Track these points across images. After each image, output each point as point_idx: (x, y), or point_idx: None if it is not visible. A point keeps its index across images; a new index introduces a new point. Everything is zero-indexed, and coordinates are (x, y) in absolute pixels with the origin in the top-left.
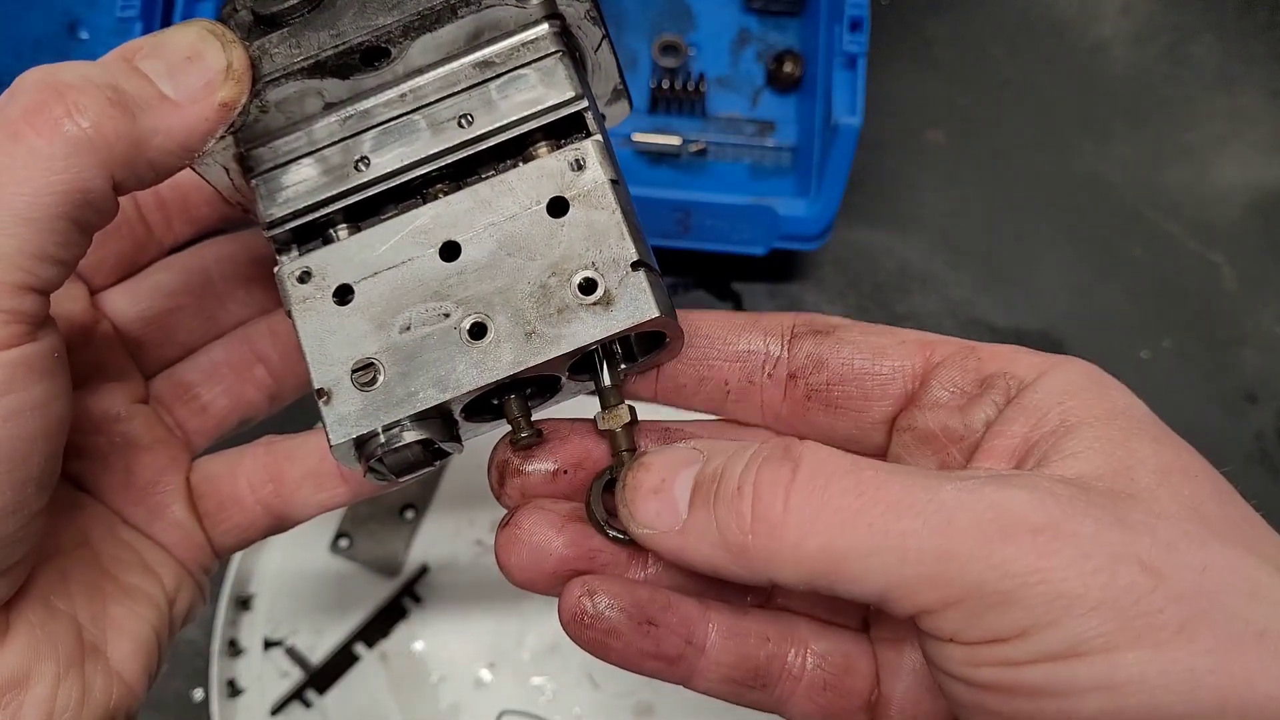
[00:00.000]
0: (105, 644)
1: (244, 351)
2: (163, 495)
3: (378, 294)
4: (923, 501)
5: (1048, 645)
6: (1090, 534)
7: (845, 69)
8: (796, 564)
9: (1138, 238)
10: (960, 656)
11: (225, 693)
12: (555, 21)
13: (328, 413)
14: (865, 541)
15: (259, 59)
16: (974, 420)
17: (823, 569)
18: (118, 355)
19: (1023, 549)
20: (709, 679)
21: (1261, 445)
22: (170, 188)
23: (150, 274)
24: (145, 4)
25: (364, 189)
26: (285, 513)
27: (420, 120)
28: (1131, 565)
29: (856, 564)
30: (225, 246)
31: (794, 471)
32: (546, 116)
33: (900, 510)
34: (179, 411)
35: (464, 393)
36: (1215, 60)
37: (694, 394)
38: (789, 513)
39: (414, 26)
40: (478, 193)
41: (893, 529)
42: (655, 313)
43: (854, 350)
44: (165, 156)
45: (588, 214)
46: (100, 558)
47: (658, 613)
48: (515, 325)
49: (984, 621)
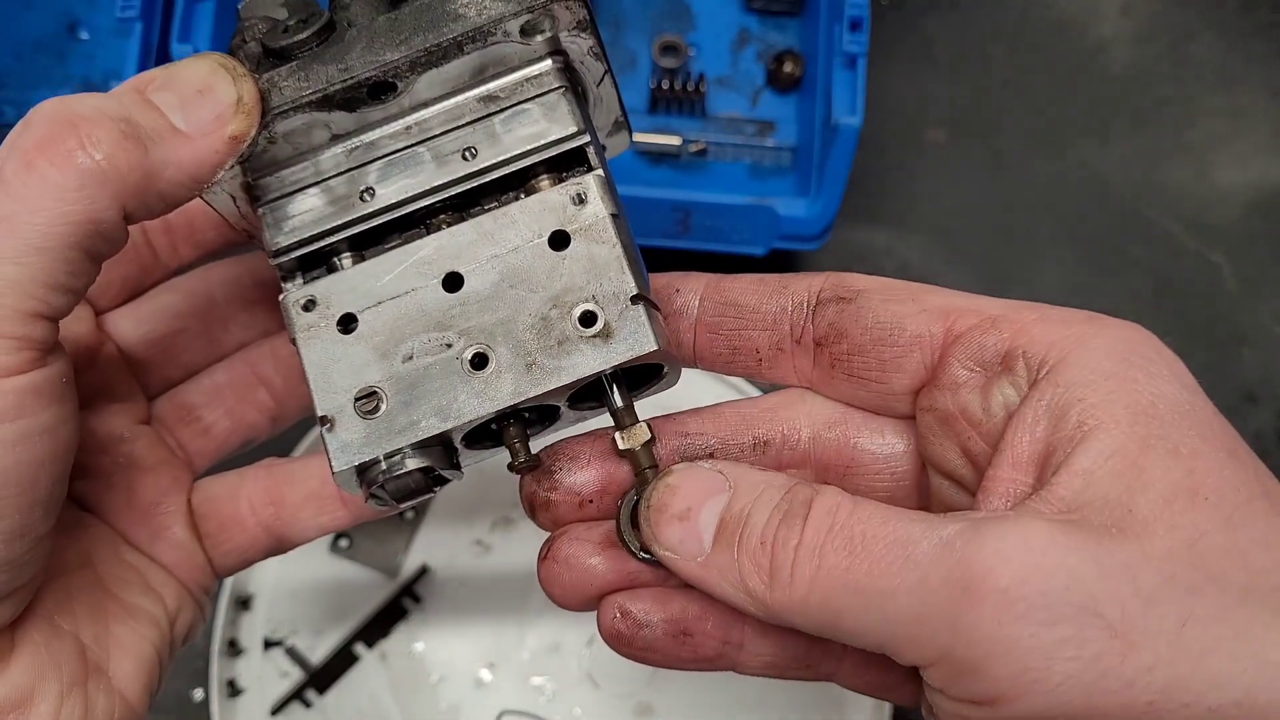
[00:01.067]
0: (108, 663)
1: (246, 374)
2: (164, 516)
3: (381, 323)
4: (900, 560)
5: (1017, 714)
6: (1059, 592)
7: (845, 69)
8: (805, 617)
9: (1138, 238)
10: (949, 709)
11: (225, 693)
12: (559, 58)
13: (331, 440)
14: (854, 602)
15: (268, 92)
16: (993, 404)
17: (827, 622)
18: (122, 377)
19: (985, 614)
20: (752, 666)
21: (1261, 445)
22: (177, 213)
23: (154, 296)
24: (145, 4)
25: (368, 219)
26: (285, 534)
27: (425, 152)
28: (1100, 633)
29: (851, 622)
30: (229, 270)
31: (801, 530)
32: (549, 150)
33: (881, 570)
34: (181, 433)
35: (465, 422)
36: (1215, 60)
37: (729, 362)
38: (795, 570)
39: (421, 62)
40: (481, 224)
41: (874, 590)
42: (654, 345)
43: (874, 320)
44: (175, 188)
45: (589, 248)
46: (103, 578)
47: (692, 623)
48: (516, 356)
49: (960, 684)
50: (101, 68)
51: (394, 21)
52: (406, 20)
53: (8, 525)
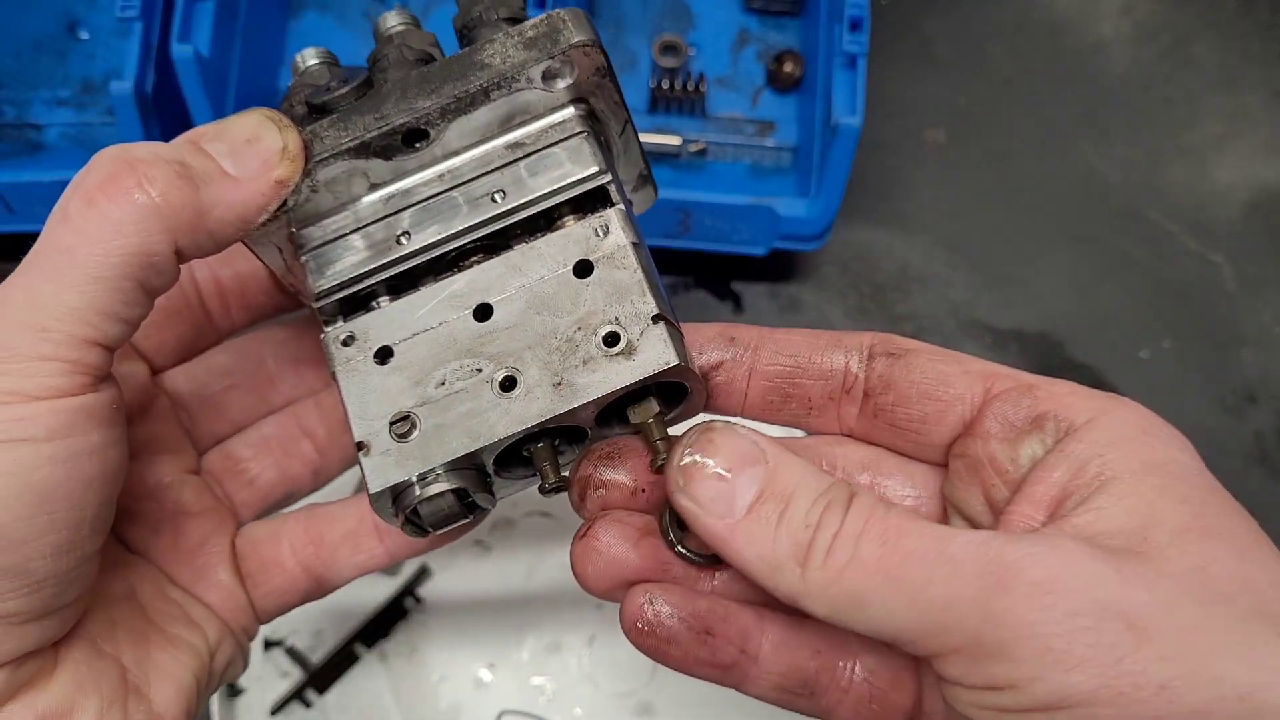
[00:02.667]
0: (149, 687)
1: (292, 427)
2: (209, 558)
3: (416, 355)
4: (935, 553)
5: (1035, 697)
6: (1082, 589)
7: (845, 69)
8: (825, 599)
9: (1138, 238)
10: (965, 699)
11: (225, 692)
12: (581, 105)
13: (367, 463)
14: (883, 588)
15: (311, 141)
16: (1020, 456)
17: (845, 607)
18: (172, 429)
19: (1017, 601)
20: (760, 686)
21: (1261, 445)
22: (231, 278)
23: (208, 356)
24: (145, 4)
25: (404, 261)
26: (324, 575)
27: (457, 197)
28: (1117, 624)
29: (875, 608)
30: (279, 332)
31: (842, 519)
32: (573, 190)
33: (915, 560)
34: (228, 484)
35: (495, 441)
36: (1215, 60)
37: (778, 410)
38: (831, 554)
39: (450, 109)
40: (509, 259)
41: (906, 578)
42: (675, 360)
43: (921, 375)
44: (224, 227)
45: (611, 274)
46: (147, 610)
47: (716, 623)
48: (543, 377)
49: (981, 669)
50: (101, 68)
51: (425, 74)
52: (437, 72)
53: (56, 539)
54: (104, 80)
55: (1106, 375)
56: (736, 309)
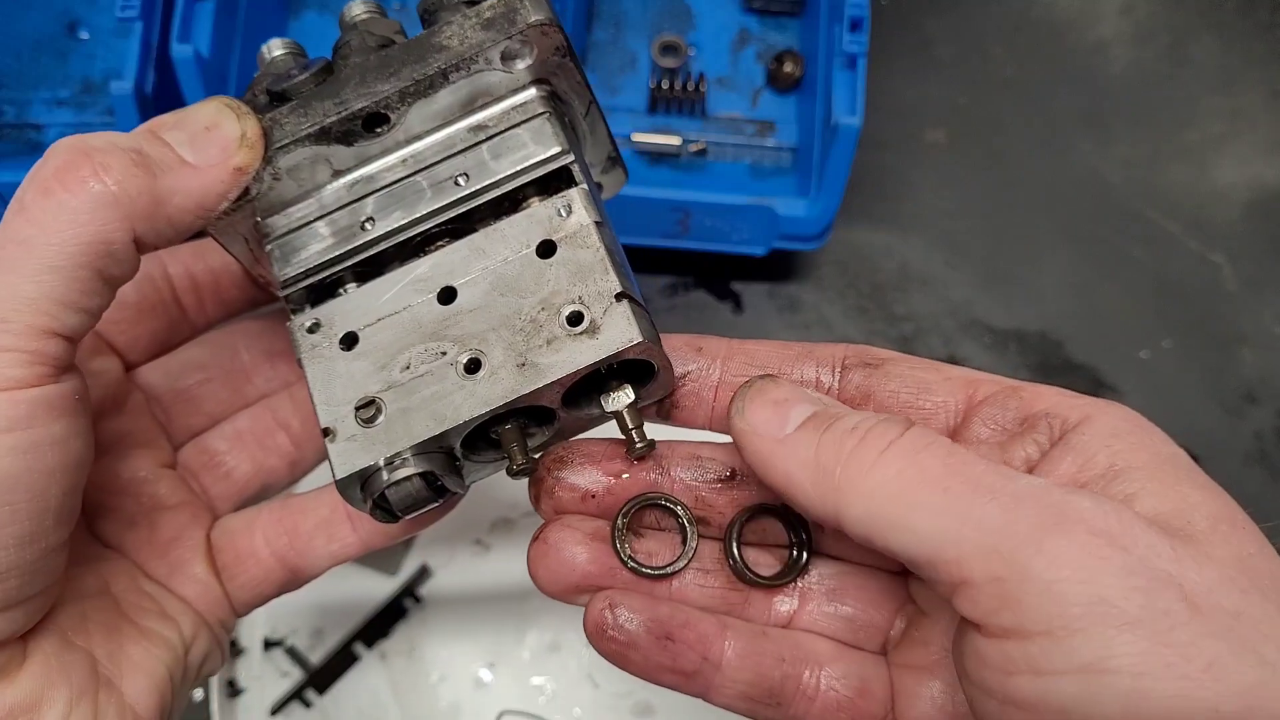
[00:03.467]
0: (120, 679)
1: (267, 420)
2: (184, 551)
3: (381, 340)
4: (999, 484)
5: (1078, 653)
6: (1141, 555)
7: (845, 69)
8: (868, 502)
9: (1138, 238)
10: (995, 662)
11: (225, 693)
12: (543, 85)
13: (333, 449)
14: (937, 500)
15: (271, 128)
16: (1014, 458)
17: (890, 514)
18: (147, 424)
19: (1075, 544)
20: (725, 694)
21: (1261, 445)
22: (204, 272)
23: (183, 350)
24: (145, 4)
25: (369, 247)
26: (299, 565)
27: (421, 181)
28: (1172, 592)
29: (922, 518)
30: (253, 325)
31: (902, 433)
32: (536, 171)
33: (976, 484)
34: (204, 478)
35: (460, 423)
36: (1215, 60)
37: None
38: (884, 458)
39: (410, 92)
40: (473, 241)
41: (965, 495)
42: (639, 338)
43: (900, 384)
44: (183, 215)
45: (574, 253)
46: (120, 604)
47: (676, 629)
48: (508, 358)
49: (1018, 608)
50: (101, 68)
51: (384, 59)
52: (396, 56)
53: (19, 530)
54: (104, 80)
55: (1106, 375)
56: (736, 309)
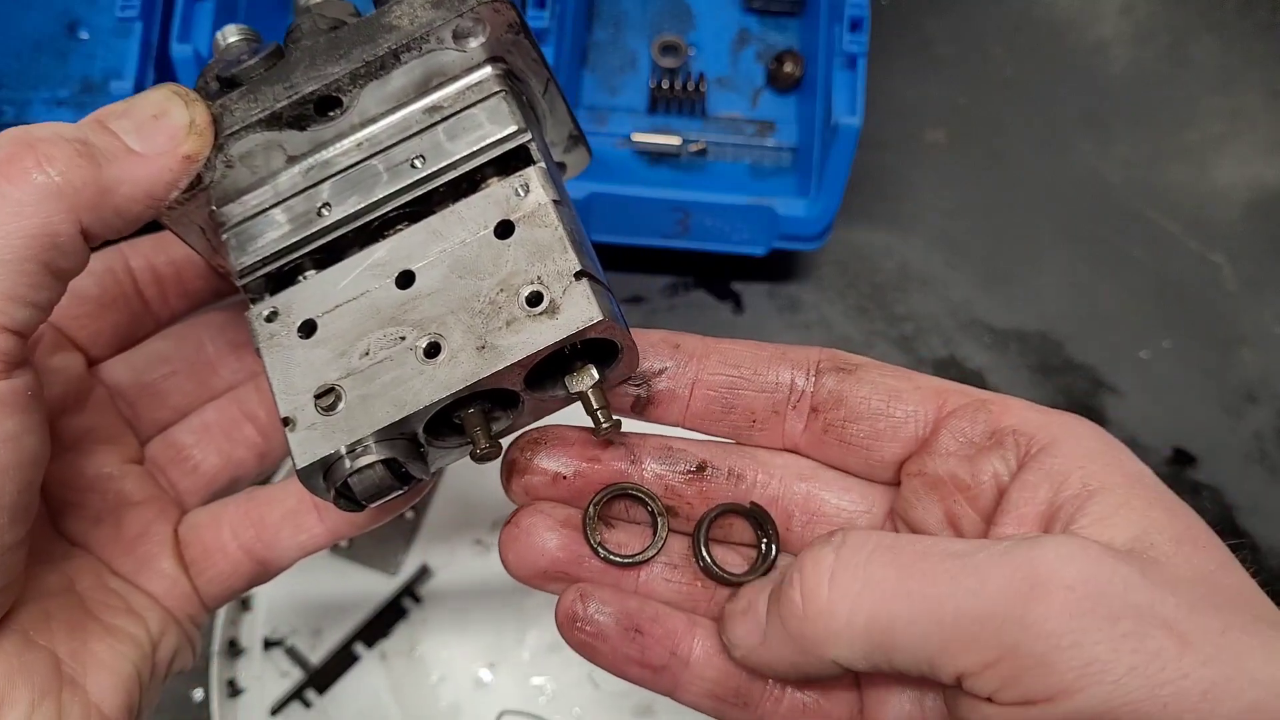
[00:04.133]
0: (85, 678)
1: (234, 412)
2: (151, 546)
3: (339, 326)
4: (957, 568)
5: (1079, 710)
6: (1119, 594)
7: (845, 69)
8: (850, 641)
9: (1138, 238)
10: (997, 716)
11: (225, 693)
12: (498, 64)
13: (293, 438)
14: (906, 610)
15: (221, 115)
16: (981, 472)
17: (875, 641)
18: (112, 419)
19: (1054, 608)
20: (692, 692)
21: (1261, 445)
22: (167, 264)
23: (147, 344)
24: (145, 4)
25: (326, 233)
26: (267, 557)
27: (377, 165)
28: (1158, 630)
29: (902, 633)
30: (218, 317)
31: (836, 553)
32: (493, 151)
33: (936, 577)
34: (172, 472)
35: (421, 408)
36: (1215, 60)
37: (719, 421)
38: (834, 591)
39: (360, 74)
40: (430, 224)
41: (930, 595)
42: (599, 316)
43: (872, 390)
44: (132, 204)
45: (532, 232)
46: (86, 601)
47: (645, 622)
48: (467, 341)
49: (1020, 683)
50: (101, 68)
51: (334, 40)
52: (345, 38)
53: None
54: (104, 80)
55: (1106, 375)
56: (736, 309)
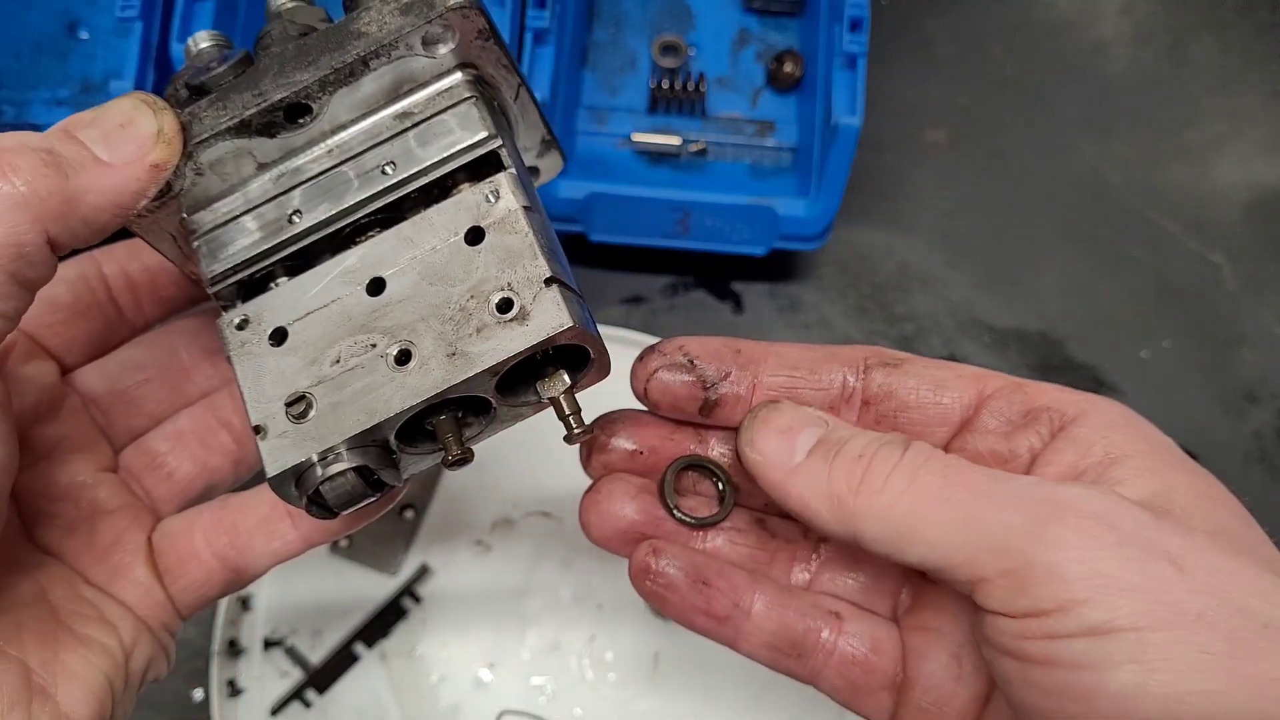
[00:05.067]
0: (55, 688)
1: (208, 419)
2: (124, 555)
3: (310, 334)
4: (996, 488)
5: (1085, 620)
6: (1129, 530)
7: (845, 69)
8: (882, 523)
9: (1138, 238)
10: (1011, 630)
11: (225, 693)
12: (469, 70)
13: (264, 446)
14: (943, 512)
15: (190, 124)
16: (1019, 446)
17: (903, 530)
18: (85, 427)
19: (1069, 529)
20: (752, 643)
21: (1261, 445)
22: (140, 271)
23: (121, 351)
24: (145, 4)
25: (297, 240)
26: (241, 564)
27: (348, 171)
28: (1161, 559)
29: (933, 530)
30: (191, 323)
31: (902, 455)
32: (463, 157)
33: (976, 492)
34: (146, 480)
35: (392, 415)
36: (1215, 60)
37: None
38: (890, 481)
39: (330, 81)
40: (401, 231)
41: (967, 504)
42: (570, 322)
43: (919, 382)
44: (99, 214)
45: (502, 239)
46: (58, 611)
47: (712, 576)
48: (438, 348)
49: (1029, 594)
50: (101, 68)
51: (303, 47)
52: (314, 44)
53: None
54: (104, 80)
55: (1106, 375)
56: (736, 309)
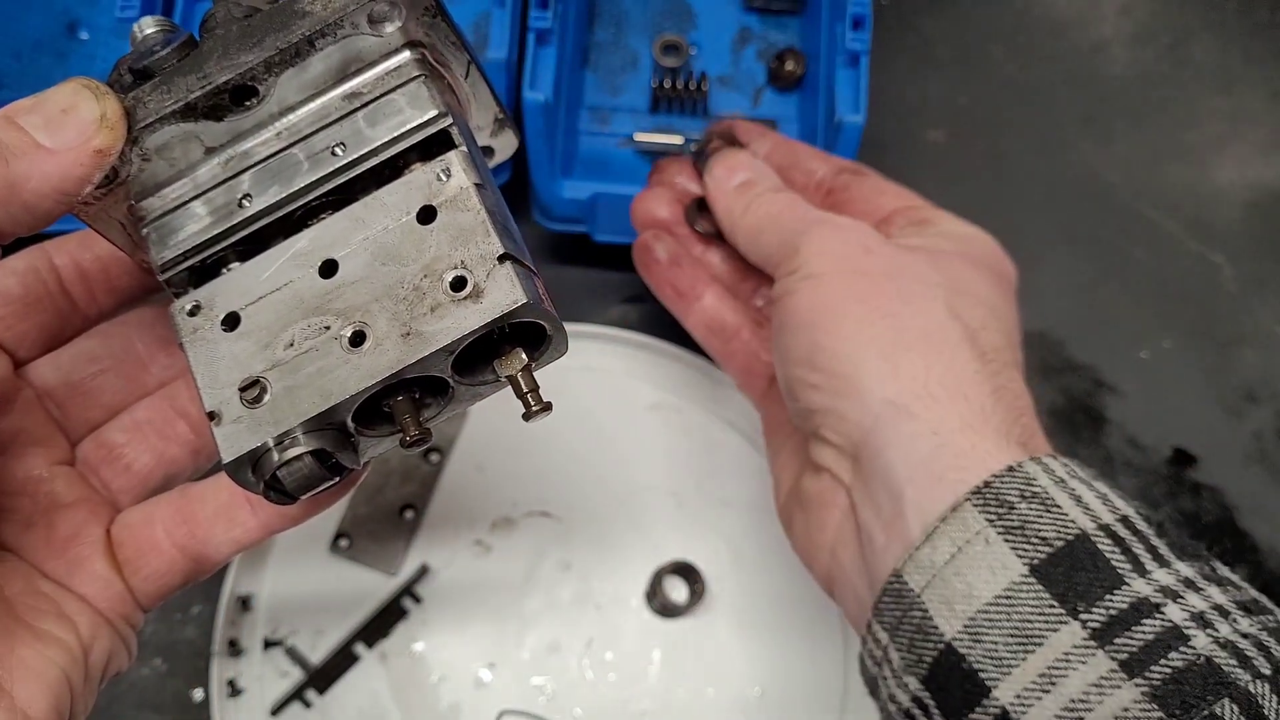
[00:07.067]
0: (11, 684)
1: (165, 409)
2: (82, 548)
3: (263, 318)
4: (804, 211)
5: (802, 270)
6: (856, 233)
7: (848, 67)
8: (746, 234)
9: (1138, 238)
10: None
11: (225, 693)
12: (417, 49)
13: (219, 433)
14: (770, 225)
15: (133, 108)
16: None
17: (753, 239)
18: (40, 421)
19: (825, 228)
20: (694, 320)
21: (1261, 445)
22: (92, 261)
23: (75, 343)
24: (145, 4)
25: (247, 224)
26: (202, 553)
27: (298, 154)
28: (862, 248)
29: (763, 236)
30: (147, 313)
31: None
32: (414, 136)
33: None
34: (104, 472)
35: (347, 397)
36: (1215, 60)
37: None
38: (752, 207)
39: (275, 62)
40: (352, 212)
41: (783, 219)
42: (523, 298)
43: (870, 190)
44: (41, 200)
45: (455, 217)
46: (14, 607)
47: (685, 262)
48: (392, 329)
49: (788, 262)
50: (101, 68)
51: (247, 28)
52: (259, 25)
53: None
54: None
55: (1107, 375)
56: None
